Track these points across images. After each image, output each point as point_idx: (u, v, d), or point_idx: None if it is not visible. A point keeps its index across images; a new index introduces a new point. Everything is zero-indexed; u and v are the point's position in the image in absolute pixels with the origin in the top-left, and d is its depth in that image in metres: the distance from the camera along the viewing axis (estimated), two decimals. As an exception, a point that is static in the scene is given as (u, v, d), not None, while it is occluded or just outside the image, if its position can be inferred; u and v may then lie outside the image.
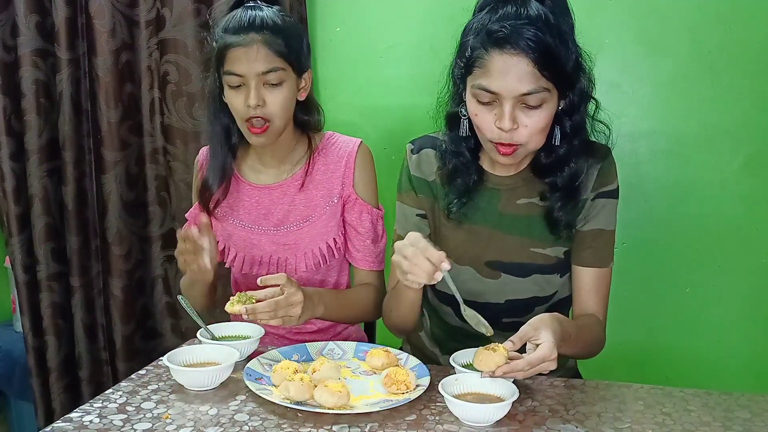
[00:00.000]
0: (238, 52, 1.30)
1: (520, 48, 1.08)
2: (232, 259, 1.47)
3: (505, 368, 1.03)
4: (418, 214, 1.34)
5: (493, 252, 1.28)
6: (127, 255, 2.07)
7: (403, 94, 1.92)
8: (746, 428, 1.01)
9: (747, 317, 1.81)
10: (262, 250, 1.44)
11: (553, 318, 1.09)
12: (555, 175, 1.23)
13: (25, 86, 2.01)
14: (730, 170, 1.76)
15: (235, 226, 1.46)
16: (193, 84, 1.94)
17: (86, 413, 1.04)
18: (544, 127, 1.15)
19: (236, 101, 1.33)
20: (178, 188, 2.03)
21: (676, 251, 1.83)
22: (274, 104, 1.32)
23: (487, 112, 1.15)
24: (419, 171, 1.34)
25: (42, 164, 2.06)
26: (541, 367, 1.03)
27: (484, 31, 1.12)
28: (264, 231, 1.44)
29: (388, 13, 1.92)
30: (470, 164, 1.26)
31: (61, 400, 2.16)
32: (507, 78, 1.10)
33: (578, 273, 1.29)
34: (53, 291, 2.12)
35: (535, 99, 1.11)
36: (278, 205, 1.44)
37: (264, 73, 1.30)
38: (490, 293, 1.30)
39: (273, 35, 1.31)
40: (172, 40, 1.94)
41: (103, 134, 2.01)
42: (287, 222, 1.43)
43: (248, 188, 1.46)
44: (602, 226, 1.27)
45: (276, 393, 1.07)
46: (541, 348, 1.03)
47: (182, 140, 1.99)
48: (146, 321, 2.14)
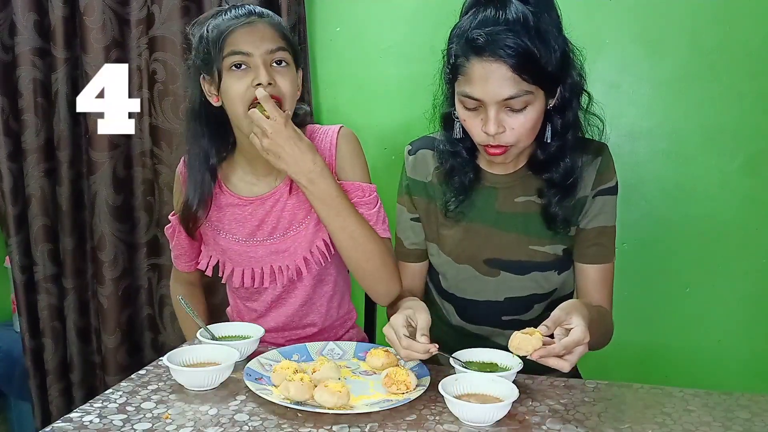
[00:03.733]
0: (241, 31, 1.23)
1: (499, 55, 1.08)
2: (229, 274, 1.42)
3: (542, 351, 1.03)
4: (412, 218, 1.36)
5: (491, 250, 1.29)
6: (113, 262, 2.03)
7: (403, 94, 1.92)
8: (746, 428, 1.01)
9: (747, 317, 1.81)
10: (261, 262, 1.40)
11: (581, 303, 1.10)
12: (551, 170, 1.23)
13: (23, 85, 2.00)
14: (730, 170, 1.76)
15: (229, 241, 1.40)
16: (181, 83, 1.91)
17: (86, 413, 1.03)
18: (532, 128, 1.15)
19: (239, 85, 1.24)
20: (161, 193, 1.99)
21: (676, 251, 1.83)
22: (284, 84, 1.25)
23: (473, 118, 1.16)
24: (415, 172, 1.34)
25: (39, 164, 2.04)
26: (575, 351, 1.03)
27: (464, 39, 1.12)
28: (259, 242, 1.39)
29: (388, 13, 1.92)
30: (467, 163, 1.27)
31: (58, 403, 2.15)
32: (488, 85, 1.10)
33: (583, 270, 1.30)
34: (50, 293, 2.11)
35: (519, 102, 1.11)
36: (271, 214, 1.38)
37: (272, 51, 1.24)
38: (489, 291, 1.30)
39: (275, 20, 1.29)
40: (160, 37, 1.91)
41: (91, 134, 1.98)
42: (281, 229, 1.38)
43: (241, 202, 1.39)
44: (604, 223, 1.27)
45: (276, 393, 1.07)
46: (575, 332, 1.03)
47: (167, 142, 1.95)
48: (132, 334, 2.10)
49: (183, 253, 1.50)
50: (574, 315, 1.05)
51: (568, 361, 1.03)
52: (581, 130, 1.24)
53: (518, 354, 1.06)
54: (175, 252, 1.51)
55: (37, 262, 2.10)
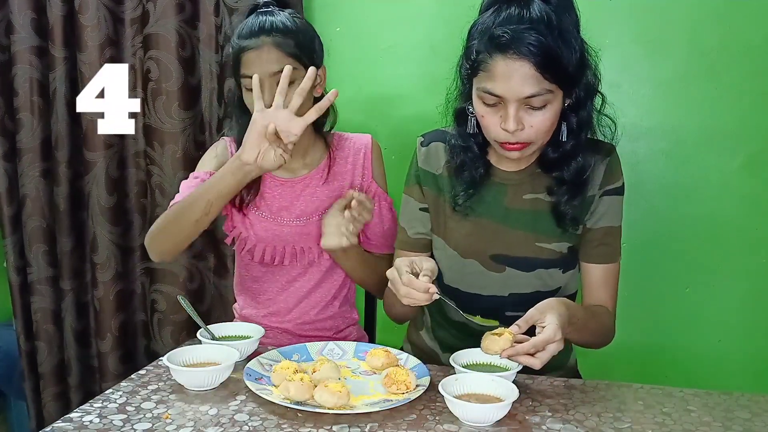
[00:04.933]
0: (250, 55, 1.34)
1: (522, 53, 1.09)
2: (250, 248, 1.48)
3: (510, 351, 1.05)
4: (420, 208, 1.37)
5: (498, 246, 1.29)
6: (106, 264, 2.01)
7: (403, 94, 1.92)
8: (746, 428, 1.01)
9: (747, 317, 1.81)
10: (285, 241, 1.47)
11: (559, 302, 1.11)
12: (562, 169, 1.24)
13: (19, 84, 1.98)
14: (730, 170, 1.76)
15: (257, 217, 1.47)
16: (174, 82, 1.89)
17: (86, 413, 1.03)
18: (550, 126, 1.17)
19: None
20: (153, 194, 1.96)
21: (676, 251, 1.82)
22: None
23: (492, 114, 1.16)
24: (427, 164, 1.35)
25: (35, 164, 2.02)
26: (548, 350, 1.04)
27: (487, 36, 1.13)
28: (287, 223, 1.47)
29: (388, 13, 1.91)
30: (477, 159, 1.28)
31: (54, 407, 2.12)
32: (510, 82, 1.11)
33: (588, 269, 1.30)
34: (44, 295, 2.08)
35: (539, 101, 1.12)
36: (300, 197, 1.47)
37: (275, 73, 1.31)
38: (494, 286, 1.31)
39: (283, 37, 1.35)
40: (154, 35, 1.89)
41: (84, 133, 1.97)
42: (309, 213, 1.46)
43: (271, 181, 1.48)
44: (611, 223, 1.28)
45: (276, 393, 1.07)
46: (546, 330, 1.05)
47: (159, 141, 1.93)
48: (125, 339, 2.08)
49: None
50: (548, 313, 1.07)
51: (539, 359, 1.05)
52: (594, 130, 1.25)
53: (488, 353, 1.08)
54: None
55: (31, 263, 2.07)
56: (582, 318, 1.16)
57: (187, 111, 1.91)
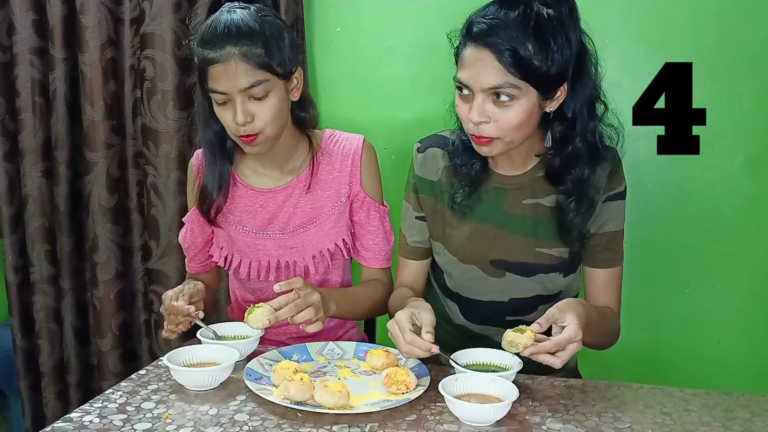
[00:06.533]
0: (217, 69, 1.24)
1: (488, 42, 1.10)
2: (236, 265, 1.43)
3: (532, 349, 1.05)
4: (417, 216, 1.37)
5: (498, 251, 1.29)
6: (106, 264, 2.01)
7: (402, 95, 1.92)
8: (746, 428, 1.01)
9: (747, 317, 1.81)
10: (269, 255, 1.41)
11: (577, 302, 1.11)
12: (563, 178, 1.23)
13: (20, 85, 1.99)
14: (730, 170, 1.76)
15: (239, 233, 1.42)
16: (169, 81, 1.88)
17: (86, 413, 1.03)
18: (518, 124, 1.14)
19: (225, 117, 1.28)
20: (149, 194, 1.96)
21: (676, 251, 1.82)
22: (262, 117, 1.27)
23: (463, 104, 1.17)
24: (423, 170, 1.34)
25: (37, 164, 2.03)
26: (568, 349, 1.04)
27: (465, 25, 1.16)
28: (269, 236, 1.41)
29: (388, 13, 1.91)
30: (476, 157, 1.26)
31: (54, 405, 2.13)
32: (474, 70, 1.12)
33: (592, 274, 1.30)
34: (46, 294, 2.09)
35: (505, 94, 1.12)
36: (283, 208, 1.41)
37: (247, 88, 1.24)
38: (495, 292, 1.31)
39: (251, 45, 1.23)
40: (149, 34, 1.88)
41: (85, 134, 1.97)
42: (293, 225, 1.41)
43: (251, 193, 1.42)
44: (614, 227, 1.28)
45: (276, 393, 1.07)
46: (567, 329, 1.04)
47: (154, 141, 1.92)
48: (126, 339, 2.08)
49: (198, 253, 1.50)
50: (568, 313, 1.06)
51: (560, 358, 1.04)
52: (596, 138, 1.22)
53: (510, 350, 1.08)
54: (190, 254, 1.51)
55: (33, 263, 2.07)
56: (596, 319, 1.16)
57: (182, 111, 1.90)
